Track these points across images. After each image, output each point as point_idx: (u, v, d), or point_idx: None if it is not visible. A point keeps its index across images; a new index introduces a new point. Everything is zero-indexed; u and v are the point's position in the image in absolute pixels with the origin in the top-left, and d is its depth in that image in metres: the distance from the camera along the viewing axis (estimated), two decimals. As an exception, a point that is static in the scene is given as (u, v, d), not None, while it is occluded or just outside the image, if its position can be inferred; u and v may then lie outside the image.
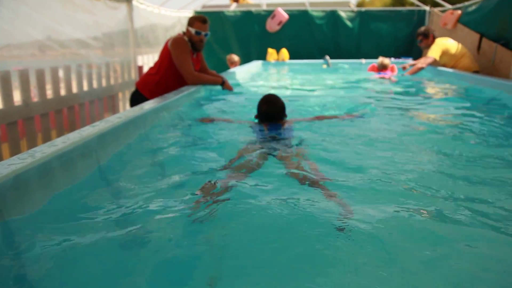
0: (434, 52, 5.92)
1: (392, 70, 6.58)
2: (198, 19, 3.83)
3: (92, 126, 2.03)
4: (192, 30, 3.80)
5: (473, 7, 6.43)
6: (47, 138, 3.60)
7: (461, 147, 2.33)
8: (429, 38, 6.14)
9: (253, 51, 9.03)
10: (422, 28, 6.32)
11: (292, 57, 8.60)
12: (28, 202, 1.41)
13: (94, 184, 1.71)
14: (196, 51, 3.95)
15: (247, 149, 2.14)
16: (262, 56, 8.68)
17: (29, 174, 1.45)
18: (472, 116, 3.23)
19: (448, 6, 7.81)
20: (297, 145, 2.26)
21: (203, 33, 3.83)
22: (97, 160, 1.88)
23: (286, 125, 2.57)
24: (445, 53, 5.95)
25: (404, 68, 6.41)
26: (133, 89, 4.05)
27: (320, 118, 2.93)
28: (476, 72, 5.74)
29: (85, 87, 4.41)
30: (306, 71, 7.33)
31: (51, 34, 4.06)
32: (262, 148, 2.14)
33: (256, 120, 2.68)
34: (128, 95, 5.10)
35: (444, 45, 6.00)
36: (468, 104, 3.87)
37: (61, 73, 3.93)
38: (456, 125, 2.96)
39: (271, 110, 2.59)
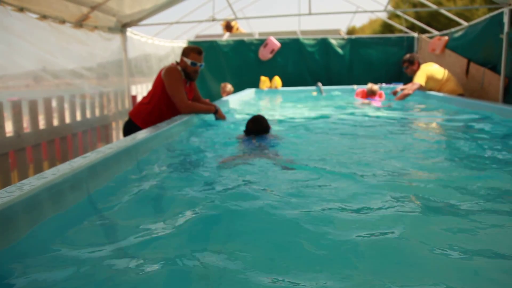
0: (419, 78, 6.14)
1: (380, 96, 6.68)
2: (194, 50, 3.84)
3: (83, 157, 1.99)
4: (188, 61, 3.81)
5: (460, 33, 6.58)
6: (38, 169, 3.55)
7: (454, 166, 2.32)
8: (414, 64, 6.44)
9: (246, 79, 9.11)
10: (408, 55, 6.59)
11: (284, 84, 8.68)
12: (14, 235, 1.37)
13: (83, 215, 1.66)
14: (190, 81, 3.97)
15: (240, 155, 2.72)
16: (255, 84, 8.75)
17: (16, 208, 1.40)
18: (464, 136, 3.25)
19: (435, 32, 7.98)
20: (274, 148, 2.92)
21: (198, 64, 3.84)
22: (88, 191, 1.84)
23: (269, 137, 3.18)
24: (430, 78, 6.17)
25: (395, 93, 6.51)
26: (126, 118, 4.04)
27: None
28: (461, 95, 5.92)
29: (78, 117, 4.40)
30: (299, 99, 7.38)
31: (46, 66, 4.08)
32: (251, 153, 2.77)
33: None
34: (121, 124, 5.08)
35: (429, 70, 6.21)
36: (460, 126, 3.90)
37: (54, 103, 3.93)
38: (449, 145, 2.97)
39: (257, 128, 3.18)
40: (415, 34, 8.74)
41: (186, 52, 3.85)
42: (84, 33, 4.79)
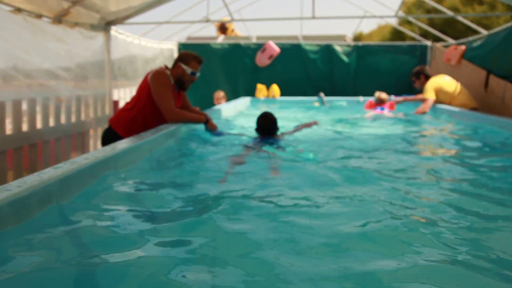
0: (429, 93, 6.34)
1: (391, 107, 6.71)
2: (196, 59, 3.85)
3: (54, 168, 1.95)
4: (188, 70, 3.82)
5: (478, 42, 6.63)
6: (2, 181, 3.48)
7: (469, 188, 2.29)
8: (420, 78, 6.61)
9: (241, 87, 9.12)
10: (416, 68, 6.88)
11: (283, 93, 8.68)
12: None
13: (52, 235, 1.61)
14: (182, 90, 3.98)
15: (246, 151, 3.37)
16: (251, 92, 8.76)
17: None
18: (475, 156, 3.24)
19: (451, 41, 8.05)
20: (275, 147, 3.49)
21: (197, 74, 3.88)
22: (58, 207, 1.79)
23: (275, 137, 3.74)
24: (439, 91, 6.34)
25: (397, 102, 6.85)
26: (106, 126, 4.01)
27: (298, 129, 4.33)
28: (474, 109, 5.99)
29: (52, 123, 4.36)
30: (299, 109, 7.38)
31: (17, 64, 4.05)
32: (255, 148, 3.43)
33: (257, 135, 3.79)
34: (100, 132, 5.04)
35: (437, 83, 6.37)
36: (473, 144, 3.90)
37: (24, 106, 3.88)
38: (456, 166, 2.95)
39: (266, 123, 3.73)
40: (429, 43, 8.82)
41: (186, 58, 3.85)
42: (63, 30, 4.77)
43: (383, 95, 6.74)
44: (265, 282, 1.32)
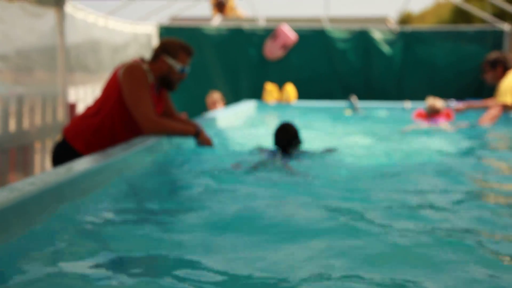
0: (504, 95, 6.30)
1: (448, 116, 6.70)
2: (185, 50, 3.94)
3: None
4: (176, 65, 3.89)
5: None
6: None
7: None
8: (496, 69, 6.52)
9: (244, 86, 9.21)
10: (493, 55, 6.89)
11: (301, 96, 8.73)
12: None
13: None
14: (168, 90, 4.05)
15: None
16: (258, 94, 8.80)
17: None
18: None
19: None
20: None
21: (187, 69, 3.97)
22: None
23: (295, 154, 4.12)
24: None
25: (458, 110, 6.84)
26: (58, 138, 4.00)
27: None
28: None
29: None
30: (322, 118, 7.39)
31: None
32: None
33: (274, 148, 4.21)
34: (51, 146, 5.03)
35: None
36: None
37: None
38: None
39: (283, 137, 4.16)
40: (506, 26, 8.84)
41: (173, 50, 3.91)
42: (-2, 5, 4.78)
43: (438, 104, 6.67)
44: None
